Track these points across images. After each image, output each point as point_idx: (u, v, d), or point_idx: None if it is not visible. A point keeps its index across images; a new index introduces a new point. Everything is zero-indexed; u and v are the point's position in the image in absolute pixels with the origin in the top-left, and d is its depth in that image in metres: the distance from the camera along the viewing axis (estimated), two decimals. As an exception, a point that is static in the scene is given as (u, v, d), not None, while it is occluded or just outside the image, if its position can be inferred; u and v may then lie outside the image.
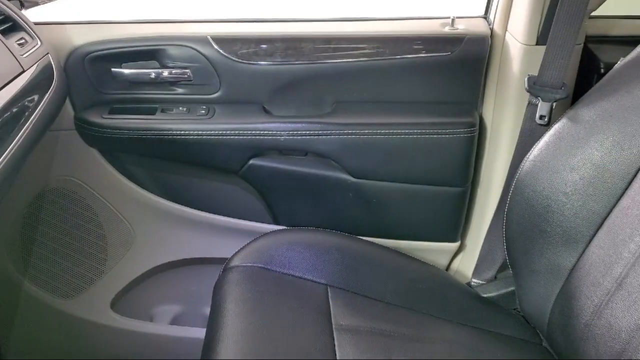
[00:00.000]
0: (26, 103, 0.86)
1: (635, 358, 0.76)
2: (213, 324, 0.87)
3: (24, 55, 0.91)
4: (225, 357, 0.78)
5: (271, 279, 0.97)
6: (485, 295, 1.14)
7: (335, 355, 0.82)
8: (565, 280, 0.94)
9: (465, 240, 1.29)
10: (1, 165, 0.74)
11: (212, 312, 0.91)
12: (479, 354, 0.94)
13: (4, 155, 0.75)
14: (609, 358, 0.81)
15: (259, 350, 0.80)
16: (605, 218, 0.90)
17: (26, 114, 0.85)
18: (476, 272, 1.18)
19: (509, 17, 1.13)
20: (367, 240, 1.14)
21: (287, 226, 1.25)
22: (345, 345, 0.85)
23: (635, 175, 0.88)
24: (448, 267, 1.32)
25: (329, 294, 0.96)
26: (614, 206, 0.90)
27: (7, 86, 0.81)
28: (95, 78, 1.15)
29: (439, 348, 0.91)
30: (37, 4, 1.22)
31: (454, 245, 1.26)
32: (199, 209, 1.24)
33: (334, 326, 0.88)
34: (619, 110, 0.91)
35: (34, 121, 0.86)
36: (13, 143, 0.79)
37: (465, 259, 1.28)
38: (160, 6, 1.33)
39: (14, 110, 0.81)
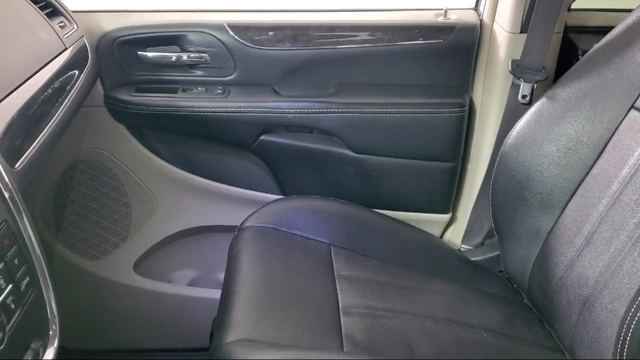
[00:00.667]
0: (67, 77, 0.96)
1: (598, 300, 0.86)
2: (231, 271, 0.97)
3: (65, 36, 1.02)
4: (242, 295, 0.88)
5: (281, 237, 1.07)
6: (473, 259, 1.24)
7: (338, 298, 0.92)
8: (544, 241, 1.04)
9: (457, 212, 1.38)
10: (47, 132, 0.84)
11: (229, 263, 1.01)
12: (468, 304, 1.03)
13: (50, 123, 0.85)
14: (578, 304, 0.91)
15: (271, 290, 0.90)
16: (579, 185, 1.00)
17: (68, 87, 0.95)
18: (465, 238, 1.29)
19: (496, 8, 1.23)
20: (366, 208, 1.24)
21: (294, 196, 1.35)
22: (345, 290, 0.95)
23: (604, 147, 0.98)
24: (441, 238, 1.41)
25: (332, 251, 1.06)
26: (586, 174, 0.99)
27: (54, 60, 0.91)
28: (122, 60, 1.25)
29: (431, 297, 1.01)
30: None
31: (446, 217, 1.36)
32: (215, 181, 1.34)
33: (336, 275, 0.98)
34: (591, 89, 1.01)
35: (73, 95, 0.96)
36: (58, 112, 0.89)
37: (457, 230, 1.38)
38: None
39: (59, 81, 0.91)
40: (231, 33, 1.24)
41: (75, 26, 1.10)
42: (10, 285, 0.52)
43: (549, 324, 1.03)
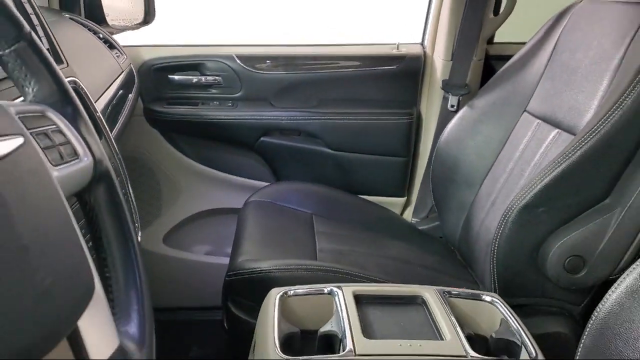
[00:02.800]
0: (125, 92, 1.29)
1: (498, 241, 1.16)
2: (240, 228, 1.27)
3: (121, 63, 1.35)
4: (248, 237, 1.19)
5: (276, 208, 1.38)
6: (420, 228, 1.55)
7: (316, 243, 1.22)
8: (468, 210, 1.35)
9: (411, 196, 1.70)
10: (117, 128, 1.16)
11: (239, 224, 1.31)
12: (412, 252, 1.34)
13: (119, 122, 1.17)
14: (485, 247, 1.22)
15: (268, 236, 1.21)
16: (490, 167, 1.32)
17: (125, 100, 1.28)
18: (414, 213, 1.60)
19: (435, 42, 1.58)
20: (340, 190, 1.56)
21: (286, 183, 1.65)
22: (322, 239, 1.25)
23: (507, 140, 1.31)
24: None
25: (313, 218, 1.37)
26: (495, 160, 1.32)
27: (117, 79, 1.24)
28: (157, 82, 1.57)
29: (385, 247, 1.31)
30: (112, 33, 1.65)
31: (402, 200, 1.68)
32: (227, 173, 1.65)
33: (315, 231, 1.29)
34: (498, 99, 1.34)
35: (129, 103, 1.29)
36: (123, 115, 1.21)
37: (412, 209, 1.69)
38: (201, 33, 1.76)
39: (121, 93, 1.23)
40: (238, 61, 1.57)
41: (125, 56, 1.43)
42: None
43: (471, 268, 1.34)
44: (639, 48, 0.98)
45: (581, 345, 0.62)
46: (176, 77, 1.58)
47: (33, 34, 0.44)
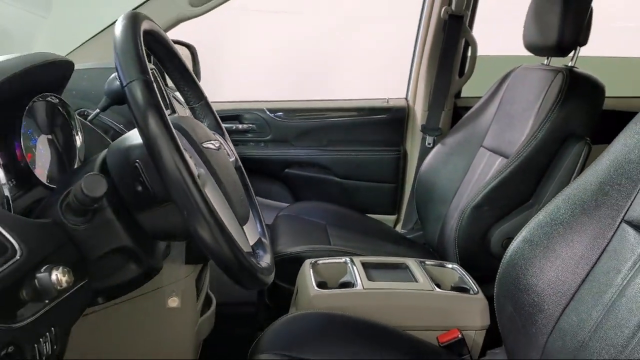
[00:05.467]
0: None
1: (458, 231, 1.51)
2: (274, 232, 1.64)
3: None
4: (283, 236, 1.54)
5: (298, 219, 1.74)
6: (408, 237, 1.91)
7: (330, 242, 1.58)
8: (443, 220, 1.72)
9: (400, 213, 2.07)
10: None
11: (273, 230, 1.67)
12: (405, 251, 1.69)
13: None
14: (453, 238, 1.56)
15: (297, 235, 1.57)
16: (458, 188, 1.69)
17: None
18: (402, 226, 1.97)
19: (415, 97, 1.98)
20: (345, 208, 1.93)
21: (305, 204, 2.02)
22: (334, 239, 1.60)
23: (469, 167, 1.68)
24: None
25: (327, 226, 1.73)
26: (461, 182, 1.69)
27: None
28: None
29: (379, 247, 1.67)
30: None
31: (394, 217, 2.05)
32: (259, 196, 2.00)
33: (329, 234, 1.65)
34: (462, 138, 1.72)
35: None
36: None
37: (401, 224, 2.06)
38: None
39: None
40: (268, 113, 1.97)
41: (188, 111, 1.82)
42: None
43: (447, 264, 1.69)
44: (548, 100, 1.37)
45: (498, 274, 0.98)
46: (221, 125, 1.97)
47: (207, 97, 0.83)
